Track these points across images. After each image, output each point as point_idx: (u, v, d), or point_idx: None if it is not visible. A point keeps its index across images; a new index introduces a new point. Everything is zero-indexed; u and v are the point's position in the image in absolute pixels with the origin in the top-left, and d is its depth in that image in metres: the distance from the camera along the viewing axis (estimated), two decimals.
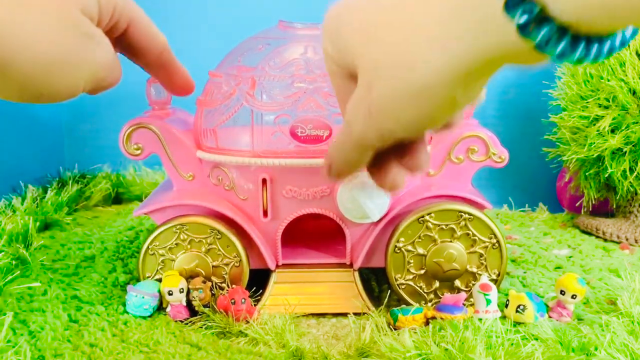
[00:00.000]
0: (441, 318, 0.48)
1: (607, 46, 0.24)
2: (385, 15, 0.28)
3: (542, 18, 0.23)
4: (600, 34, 0.23)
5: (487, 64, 0.25)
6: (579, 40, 0.23)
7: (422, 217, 0.52)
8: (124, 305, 0.52)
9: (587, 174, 0.75)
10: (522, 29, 0.23)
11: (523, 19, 0.23)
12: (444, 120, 0.29)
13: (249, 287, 0.53)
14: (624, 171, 0.71)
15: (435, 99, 0.27)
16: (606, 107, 0.71)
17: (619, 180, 0.72)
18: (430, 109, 0.27)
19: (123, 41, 0.38)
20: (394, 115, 0.28)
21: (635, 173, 0.70)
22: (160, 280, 0.52)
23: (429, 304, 0.53)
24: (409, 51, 0.26)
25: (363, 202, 0.51)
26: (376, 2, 0.29)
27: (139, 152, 0.55)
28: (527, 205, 0.89)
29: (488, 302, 0.49)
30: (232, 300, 0.50)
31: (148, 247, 0.53)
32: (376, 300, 0.55)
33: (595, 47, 0.24)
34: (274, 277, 0.55)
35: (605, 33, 0.24)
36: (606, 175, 0.72)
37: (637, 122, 0.69)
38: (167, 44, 0.41)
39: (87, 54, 0.32)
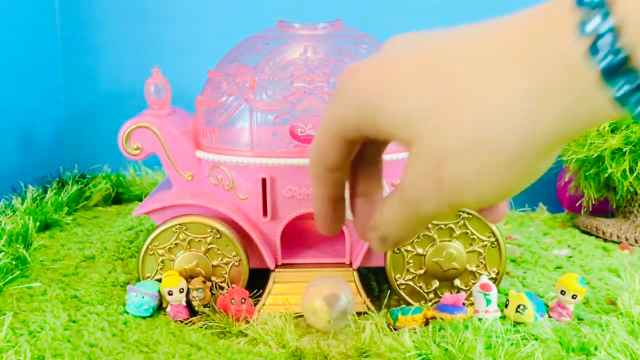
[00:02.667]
0: (441, 318, 0.48)
1: None
2: (451, 89, 0.25)
3: (627, 69, 0.21)
4: None
5: (575, 132, 0.24)
6: None
7: None
8: (124, 305, 0.52)
9: (587, 173, 0.75)
10: (622, 100, 0.22)
11: (623, 90, 0.22)
12: (522, 189, 0.27)
13: (248, 287, 0.53)
14: (624, 171, 0.71)
15: (519, 172, 0.25)
16: None
17: (619, 180, 0.72)
18: (513, 182, 0.26)
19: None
20: (471, 191, 0.26)
21: (635, 173, 0.70)
22: (160, 280, 0.52)
23: (429, 304, 0.53)
24: (488, 128, 0.24)
25: None
26: (432, 76, 0.26)
27: (138, 152, 0.55)
28: (527, 205, 0.89)
29: (488, 302, 0.49)
30: (232, 300, 0.50)
31: (148, 247, 0.53)
32: (376, 300, 0.55)
33: None
34: (273, 277, 0.55)
35: None
36: (606, 175, 0.72)
37: (637, 122, 0.69)
38: None
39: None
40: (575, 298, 0.50)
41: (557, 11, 0.23)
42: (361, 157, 0.33)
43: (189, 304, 0.52)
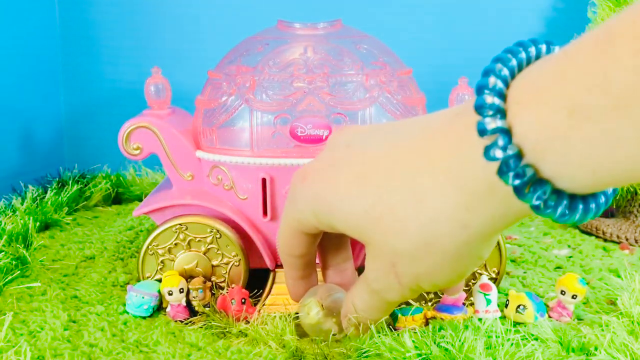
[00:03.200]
0: (441, 318, 0.48)
1: (596, 203, 0.25)
2: (390, 199, 0.29)
3: (537, 181, 0.24)
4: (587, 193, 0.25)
5: (508, 226, 0.28)
6: (575, 201, 0.25)
7: None
8: (124, 305, 0.52)
9: None
10: (539, 207, 0.24)
11: (539, 201, 0.24)
12: (471, 271, 0.32)
13: (248, 287, 0.53)
14: None
15: (463, 263, 0.29)
16: None
17: None
18: (460, 270, 0.30)
19: None
20: (426, 281, 0.30)
21: None
22: (160, 280, 0.52)
23: (429, 304, 0.53)
24: (427, 235, 0.28)
25: None
26: (372, 186, 0.30)
27: (138, 152, 0.55)
28: None
29: (488, 302, 0.49)
30: (232, 300, 0.50)
31: (148, 247, 0.53)
32: None
33: (591, 205, 0.25)
34: (273, 277, 0.55)
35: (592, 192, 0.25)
36: None
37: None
38: None
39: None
40: (575, 298, 0.50)
41: (469, 132, 0.26)
42: (328, 233, 0.37)
43: (188, 304, 0.52)
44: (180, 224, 0.52)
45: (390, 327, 0.49)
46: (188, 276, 0.53)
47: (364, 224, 0.30)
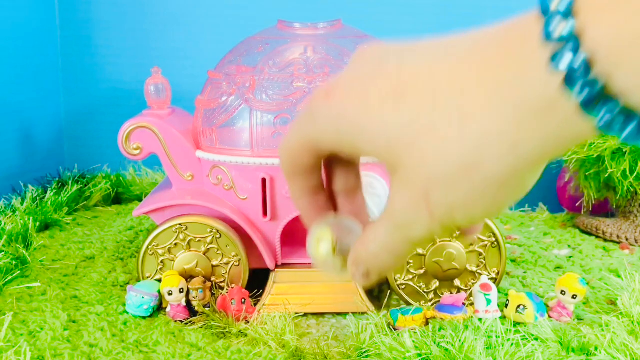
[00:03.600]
0: (441, 318, 0.48)
1: None
2: (431, 115, 0.26)
3: (606, 96, 0.21)
4: None
5: (561, 152, 0.24)
6: None
7: None
8: (124, 305, 0.52)
9: (587, 174, 0.75)
10: (605, 128, 0.22)
11: (605, 119, 0.22)
12: (512, 204, 0.27)
13: (248, 287, 0.53)
14: (624, 171, 0.71)
15: (507, 192, 0.26)
16: None
17: (619, 180, 0.71)
18: (501, 201, 0.26)
19: None
20: (462, 213, 0.26)
21: (635, 173, 0.70)
22: (160, 280, 0.52)
23: (429, 304, 0.53)
24: (473, 155, 0.25)
25: None
26: (410, 100, 0.26)
27: (138, 152, 0.55)
28: (527, 205, 0.89)
29: (488, 301, 0.49)
30: (232, 300, 0.50)
31: (148, 247, 0.53)
32: (376, 300, 0.55)
33: None
34: (273, 277, 0.55)
35: None
36: (606, 175, 0.72)
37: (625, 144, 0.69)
38: None
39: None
40: (575, 298, 0.50)
41: (528, 41, 0.23)
42: (337, 156, 0.33)
43: (188, 304, 0.52)
44: (180, 224, 0.52)
45: (390, 327, 0.49)
46: (188, 276, 0.53)
47: (395, 145, 0.26)
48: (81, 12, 0.98)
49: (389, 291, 0.54)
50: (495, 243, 0.52)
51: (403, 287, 0.53)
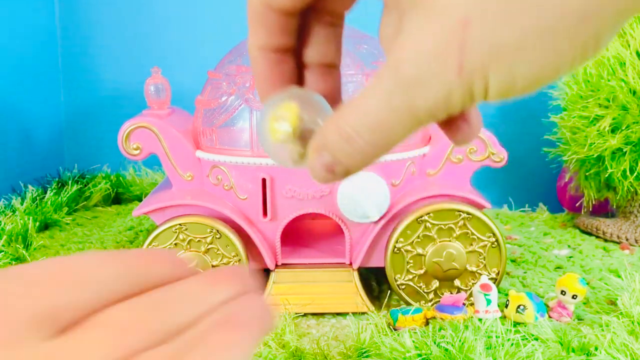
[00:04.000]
0: (441, 318, 0.48)
1: None
2: None
3: None
4: None
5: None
6: None
7: (421, 217, 0.52)
8: None
9: (587, 174, 0.75)
10: None
11: None
12: (570, 71, 0.19)
13: None
14: (624, 171, 0.71)
15: (579, 41, 0.18)
16: (606, 107, 0.71)
17: (619, 180, 0.71)
18: (566, 56, 0.18)
19: None
20: (504, 65, 0.18)
21: (635, 173, 0.70)
22: None
23: (429, 304, 0.53)
24: None
25: (363, 202, 0.51)
26: None
27: (137, 152, 0.55)
28: (527, 205, 0.89)
29: (488, 302, 0.49)
30: None
31: (147, 247, 0.53)
32: (376, 300, 0.55)
33: None
34: (273, 277, 0.55)
35: None
36: (606, 175, 0.72)
37: (637, 122, 0.69)
38: None
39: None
40: (575, 298, 0.50)
41: None
42: (316, 13, 0.25)
43: None
44: (180, 224, 0.52)
45: (391, 327, 0.49)
46: None
47: None
48: (81, 13, 0.98)
49: (389, 291, 0.54)
50: (495, 243, 0.52)
51: (403, 287, 0.53)
